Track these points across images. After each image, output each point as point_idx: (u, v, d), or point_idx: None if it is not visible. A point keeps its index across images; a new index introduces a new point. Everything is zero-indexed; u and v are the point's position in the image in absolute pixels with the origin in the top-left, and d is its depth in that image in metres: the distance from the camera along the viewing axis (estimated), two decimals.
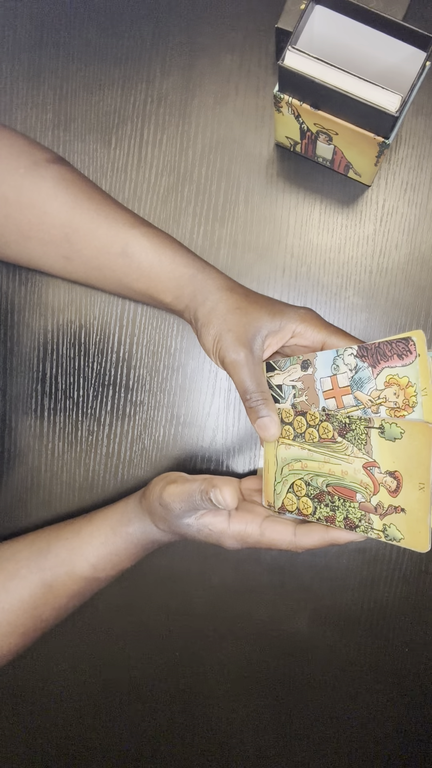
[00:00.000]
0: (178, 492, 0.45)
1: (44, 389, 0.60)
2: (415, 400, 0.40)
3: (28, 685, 0.63)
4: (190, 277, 0.49)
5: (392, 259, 0.59)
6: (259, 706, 0.62)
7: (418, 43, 0.45)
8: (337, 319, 0.60)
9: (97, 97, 0.60)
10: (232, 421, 0.60)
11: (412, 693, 0.61)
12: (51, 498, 0.61)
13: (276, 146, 0.59)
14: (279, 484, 0.48)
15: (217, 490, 0.42)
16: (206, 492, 0.42)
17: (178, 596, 0.61)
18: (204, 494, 0.43)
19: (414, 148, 0.59)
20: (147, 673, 0.62)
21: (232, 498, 0.42)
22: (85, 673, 0.62)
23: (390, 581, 0.60)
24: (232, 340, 0.46)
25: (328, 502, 0.44)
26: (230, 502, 0.42)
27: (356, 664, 0.61)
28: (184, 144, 0.60)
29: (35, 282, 0.60)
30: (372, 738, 0.62)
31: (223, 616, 0.61)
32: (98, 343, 0.60)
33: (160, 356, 0.60)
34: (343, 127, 0.48)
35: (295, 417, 0.46)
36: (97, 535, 0.52)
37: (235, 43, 0.59)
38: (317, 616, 0.61)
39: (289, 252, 0.59)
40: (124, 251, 0.50)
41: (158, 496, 0.47)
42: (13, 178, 0.50)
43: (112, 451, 0.61)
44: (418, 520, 0.39)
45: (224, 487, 0.42)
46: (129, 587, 0.61)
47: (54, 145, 0.60)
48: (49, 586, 0.51)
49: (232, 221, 0.60)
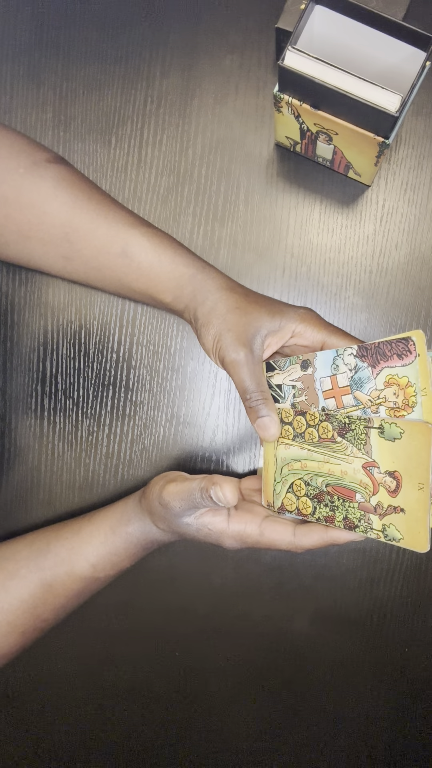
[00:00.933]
0: (177, 490, 0.45)
1: (44, 389, 0.60)
2: (414, 400, 0.40)
3: (28, 685, 0.63)
4: (190, 277, 0.49)
5: (392, 259, 0.59)
6: (259, 706, 0.62)
7: (418, 43, 0.45)
8: (337, 319, 0.60)
9: (97, 97, 0.60)
10: (232, 421, 0.60)
11: (411, 693, 0.61)
12: (51, 498, 0.61)
13: (276, 146, 0.59)
14: (278, 484, 0.48)
15: (217, 487, 0.42)
16: (206, 489, 0.42)
17: (178, 596, 0.61)
18: (204, 492, 0.43)
19: (414, 148, 0.59)
20: (147, 673, 0.62)
21: (233, 495, 0.42)
22: (85, 673, 0.62)
23: (390, 581, 0.60)
24: (232, 340, 0.46)
25: (328, 502, 0.44)
26: (230, 499, 0.42)
27: (356, 664, 0.61)
28: (184, 144, 0.60)
29: (35, 282, 0.60)
30: (372, 738, 0.62)
31: (223, 616, 0.61)
32: (98, 343, 0.60)
33: (160, 356, 0.60)
34: (343, 127, 0.48)
35: (295, 417, 0.46)
36: (96, 535, 0.52)
37: (235, 43, 0.59)
38: (317, 616, 0.61)
39: (289, 252, 0.59)
40: (124, 251, 0.50)
41: (158, 495, 0.47)
42: (12, 177, 0.50)
43: (112, 451, 0.61)
44: (417, 520, 0.39)
45: (224, 484, 0.42)
46: (129, 587, 0.61)
47: (54, 145, 0.60)
48: (49, 586, 0.51)
49: (232, 221, 0.60)
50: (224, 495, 0.42)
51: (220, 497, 0.42)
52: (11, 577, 0.51)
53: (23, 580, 0.51)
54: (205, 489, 0.43)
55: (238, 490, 0.43)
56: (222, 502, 0.42)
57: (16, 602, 0.51)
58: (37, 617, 0.52)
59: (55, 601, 0.52)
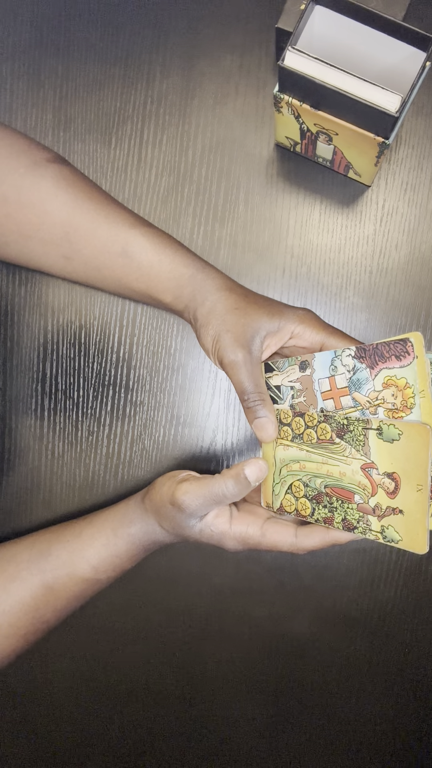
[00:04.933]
0: (194, 489, 0.45)
1: (44, 389, 0.61)
2: (413, 402, 0.40)
3: (29, 686, 0.63)
4: (190, 277, 0.49)
5: (392, 260, 0.59)
6: (259, 706, 0.62)
7: (418, 43, 0.45)
8: (336, 320, 0.59)
9: (97, 97, 0.60)
10: (232, 422, 0.60)
11: (411, 693, 0.61)
12: (51, 498, 0.61)
13: (276, 146, 0.59)
14: (277, 485, 0.47)
15: (248, 468, 0.44)
16: (238, 476, 0.44)
17: (178, 596, 0.61)
18: (238, 478, 0.44)
19: (414, 148, 0.58)
20: (147, 673, 0.62)
21: (262, 467, 0.44)
22: (85, 673, 0.62)
23: (390, 581, 0.60)
24: (231, 341, 0.46)
25: (327, 503, 0.44)
26: (264, 470, 0.44)
27: (356, 664, 0.61)
28: (184, 144, 0.60)
29: (35, 282, 0.60)
30: (372, 738, 0.62)
31: (223, 617, 0.61)
32: (98, 343, 0.60)
33: (160, 356, 0.60)
34: (343, 127, 0.48)
35: (294, 418, 0.46)
36: (98, 537, 0.52)
37: (235, 43, 0.59)
38: (317, 616, 0.61)
39: (289, 252, 0.59)
40: (124, 251, 0.50)
41: (169, 495, 0.47)
42: (13, 177, 0.50)
43: (112, 451, 0.61)
44: (416, 521, 0.39)
45: (249, 464, 0.44)
46: (129, 587, 0.61)
47: (54, 145, 0.60)
48: (50, 588, 0.51)
49: (232, 221, 0.60)
50: (259, 469, 0.44)
51: (255, 472, 0.44)
52: (12, 579, 0.51)
53: (24, 583, 0.51)
54: (237, 476, 0.44)
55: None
56: (261, 473, 0.44)
57: (18, 604, 0.51)
58: (38, 619, 0.52)
59: (56, 603, 0.52)
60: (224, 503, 0.45)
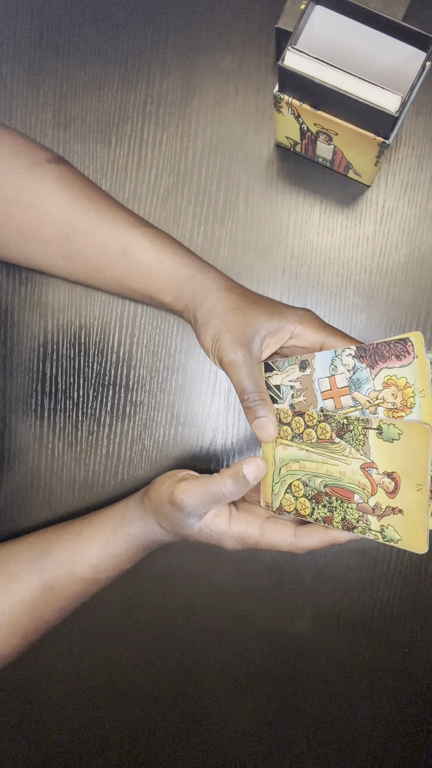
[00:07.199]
0: (193, 488, 0.45)
1: (44, 389, 0.61)
2: (413, 401, 0.40)
3: (29, 686, 0.63)
4: (190, 277, 0.49)
5: (392, 259, 0.59)
6: (259, 706, 0.62)
7: (418, 43, 0.45)
8: (336, 320, 0.59)
9: (97, 97, 0.60)
10: (232, 422, 0.60)
11: (411, 693, 0.61)
12: (51, 498, 0.61)
13: (276, 146, 0.59)
14: (277, 484, 0.47)
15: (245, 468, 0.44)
16: (237, 474, 0.44)
17: (178, 596, 0.61)
18: (236, 477, 0.44)
19: (414, 148, 0.59)
20: (147, 673, 0.62)
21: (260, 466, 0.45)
22: (85, 673, 0.62)
23: (390, 581, 0.60)
24: (231, 340, 0.46)
25: (326, 502, 0.44)
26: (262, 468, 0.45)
27: (356, 664, 0.61)
28: (184, 144, 0.60)
29: (35, 282, 0.60)
30: (371, 738, 0.62)
31: (223, 616, 0.61)
32: (98, 343, 0.60)
33: (160, 356, 0.60)
34: (343, 127, 0.48)
35: (294, 417, 0.46)
36: (97, 537, 0.52)
37: (235, 43, 0.59)
38: (317, 616, 0.61)
39: (289, 252, 0.59)
40: (124, 251, 0.50)
41: (168, 494, 0.47)
42: (12, 177, 0.50)
43: (112, 451, 0.61)
44: (415, 521, 0.39)
45: (248, 462, 0.44)
46: (129, 587, 0.61)
47: (54, 145, 0.60)
48: (50, 588, 0.51)
49: (232, 221, 0.60)
50: (258, 468, 0.44)
51: (253, 471, 0.44)
52: (12, 579, 0.51)
53: (24, 582, 0.51)
54: (236, 474, 0.44)
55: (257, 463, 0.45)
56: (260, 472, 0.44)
57: (17, 604, 0.51)
58: (38, 619, 0.52)
59: (55, 603, 0.52)
60: (223, 502, 0.45)
